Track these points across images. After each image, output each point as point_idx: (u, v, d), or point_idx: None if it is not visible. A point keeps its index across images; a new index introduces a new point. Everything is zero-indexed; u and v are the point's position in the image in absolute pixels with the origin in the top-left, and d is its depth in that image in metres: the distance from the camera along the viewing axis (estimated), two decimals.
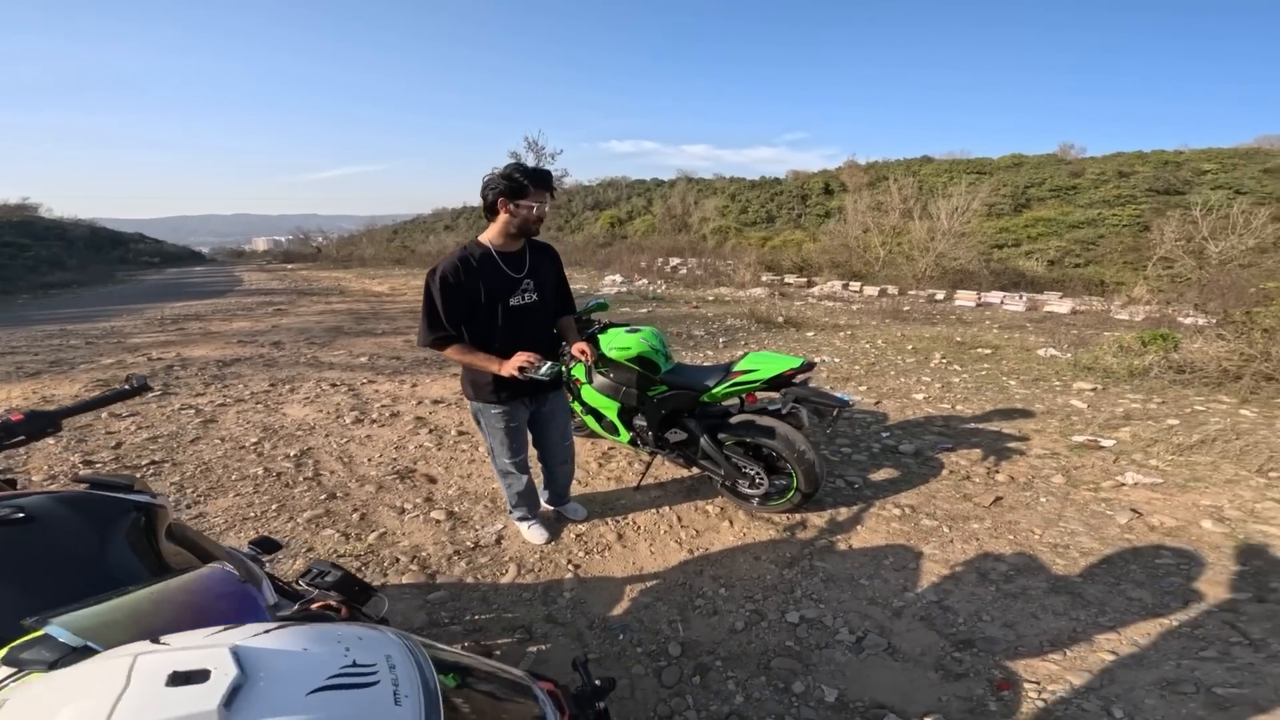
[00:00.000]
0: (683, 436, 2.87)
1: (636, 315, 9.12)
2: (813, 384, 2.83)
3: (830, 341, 7.20)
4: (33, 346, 6.83)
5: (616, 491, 3.11)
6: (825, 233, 22.21)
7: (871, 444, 3.70)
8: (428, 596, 2.22)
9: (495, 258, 2.11)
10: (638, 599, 2.27)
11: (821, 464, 2.61)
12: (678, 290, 13.58)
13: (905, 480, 3.19)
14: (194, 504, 2.84)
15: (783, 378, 2.63)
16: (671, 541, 2.63)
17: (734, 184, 36.98)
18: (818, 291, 14.39)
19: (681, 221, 27.70)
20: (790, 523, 2.74)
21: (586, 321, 3.33)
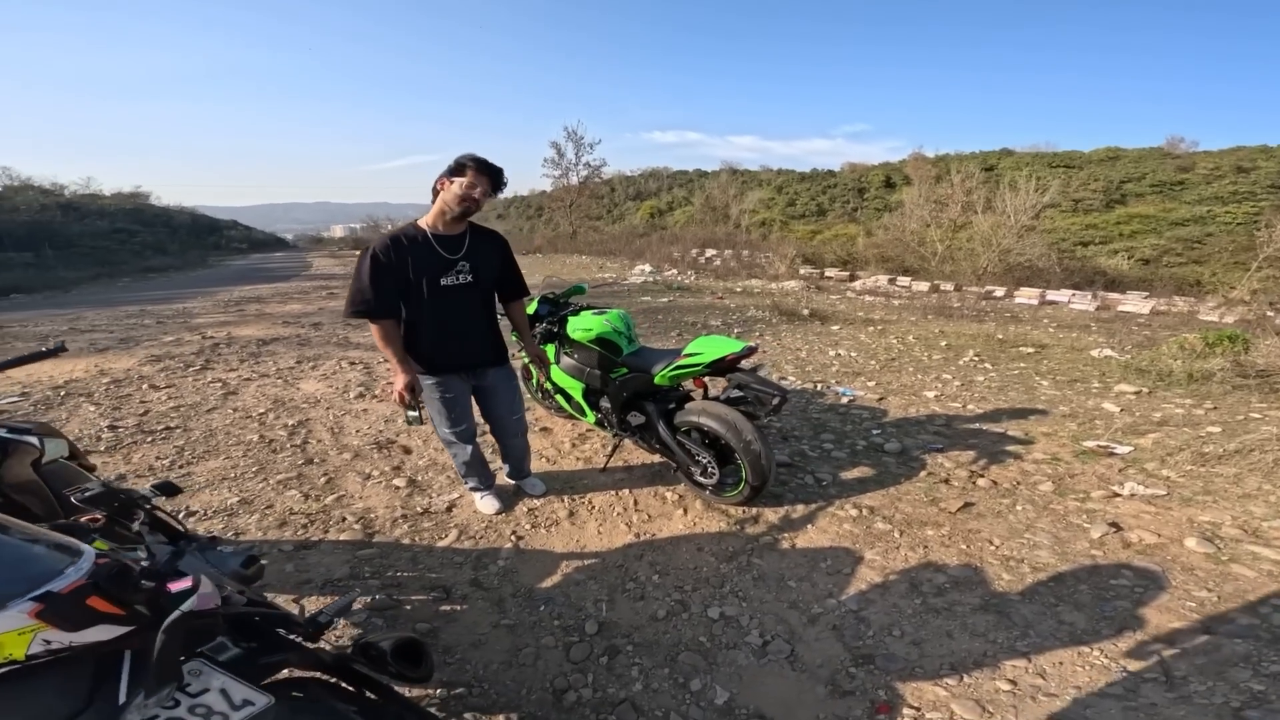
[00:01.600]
0: (642, 420, 2.88)
1: (655, 304, 9.13)
2: (762, 371, 2.75)
3: (854, 336, 6.97)
4: (111, 325, 7.61)
5: (582, 471, 3.14)
6: (881, 226, 21.43)
7: (857, 440, 3.57)
8: (357, 553, 2.33)
9: (430, 239, 2.19)
10: (571, 575, 2.29)
11: (770, 456, 2.54)
12: (706, 281, 13.43)
13: (876, 480, 3.06)
14: (187, 464, 3.09)
15: (725, 362, 2.56)
16: (621, 524, 2.64)
17: (782, 176, 36.21)
18: (859, 286, 13.84)
19: (722, 213, 27.33)
20: (743, 516, 2.69)
21: (563, 304, 3.39)
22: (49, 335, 6.75)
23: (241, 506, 2.62)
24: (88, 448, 3.20)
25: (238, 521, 2.48)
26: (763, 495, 2.67)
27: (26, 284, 15.47)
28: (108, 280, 17.54)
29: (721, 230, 23.59)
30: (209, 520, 2.48)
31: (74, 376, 4.78)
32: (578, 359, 3.09)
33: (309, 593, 2.05)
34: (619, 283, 12.76)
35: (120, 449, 3.24)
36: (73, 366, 5.14)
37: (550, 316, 3.23)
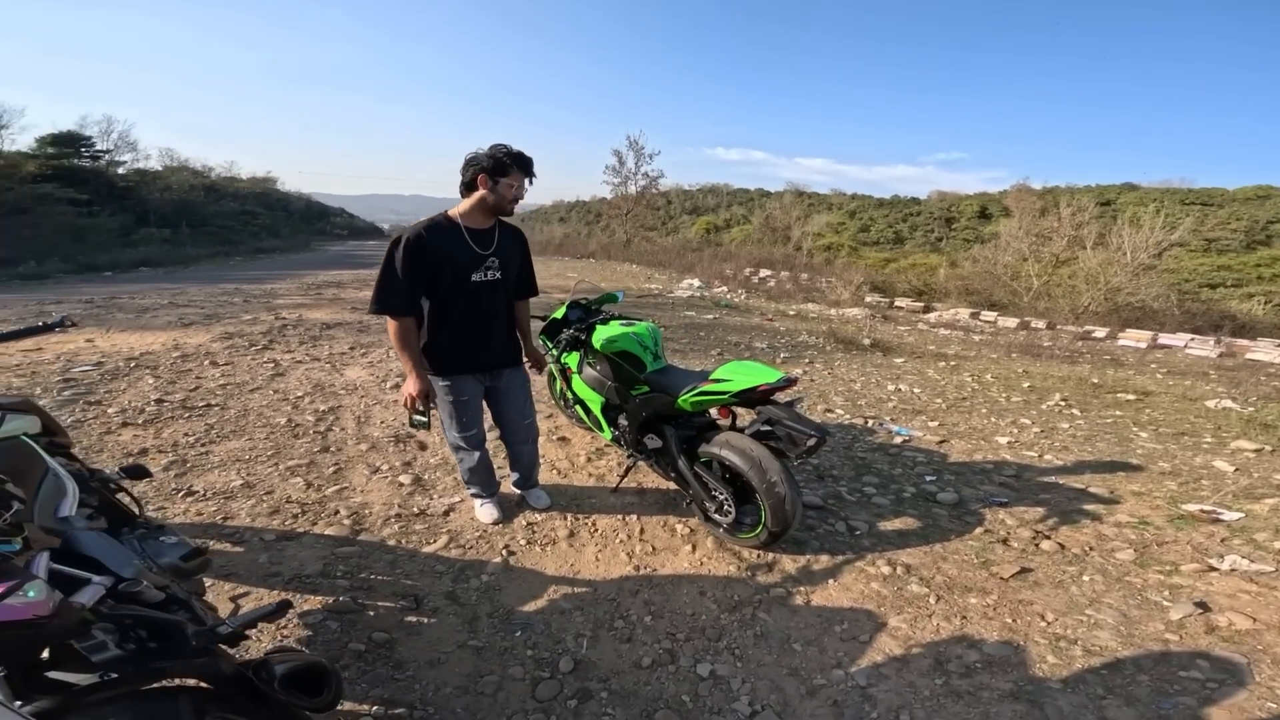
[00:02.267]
0: (659, 444, 2.67)
1: (699, 320, 8.86)
2: (800, 406, 2.46)
3: (921, 370, 6.43)
4: (204, 302, 8.27)
5: (593, 489, 2.96)
6: (969, 258, 20.33)
7: (905, 487, 3.19)
8: (337, 549, 2.24)
9: (463, 232, 2.13)
10: (557, 602, 2.11)
11: (796, 501, 2.27)
12: (758, 301, 13.05)
13: (920, 534, 2.69)
14: (210, 443, 3.16)
15: (756, 393, 2.31)
16: (623, 553, 2.43)
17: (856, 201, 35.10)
18: (934, 318, 12.98)
19: (782, 234, 26.65)
20: (756, 561, 2.41)
21: (594, 311, 3.25)
22: (150, 309, 7.40)
23: (242, 490, 2.63)
24: (128, 420, 3.37)
25: (232, 505, 2.48)
26: (783, 541, 2.39)
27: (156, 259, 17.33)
28: (223, 259, 19.37)
29: (780, 251, 23.13)
30: (204, 502, 2.49)
31: (150, 349, 5.14)
32: (599, 371, 2.93)
33: (275, 586, 1.97)
34: (664, 295, 12.60)
35: (155, 423, 3.37)
36: (153, 340, 5.56)
37: (579, 323, 3.08)
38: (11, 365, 4.27)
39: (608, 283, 14.70)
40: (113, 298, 8.44)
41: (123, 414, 3.44)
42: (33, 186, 18.37)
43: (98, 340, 5.42)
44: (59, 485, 1.29)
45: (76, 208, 18.92)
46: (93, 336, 5.58)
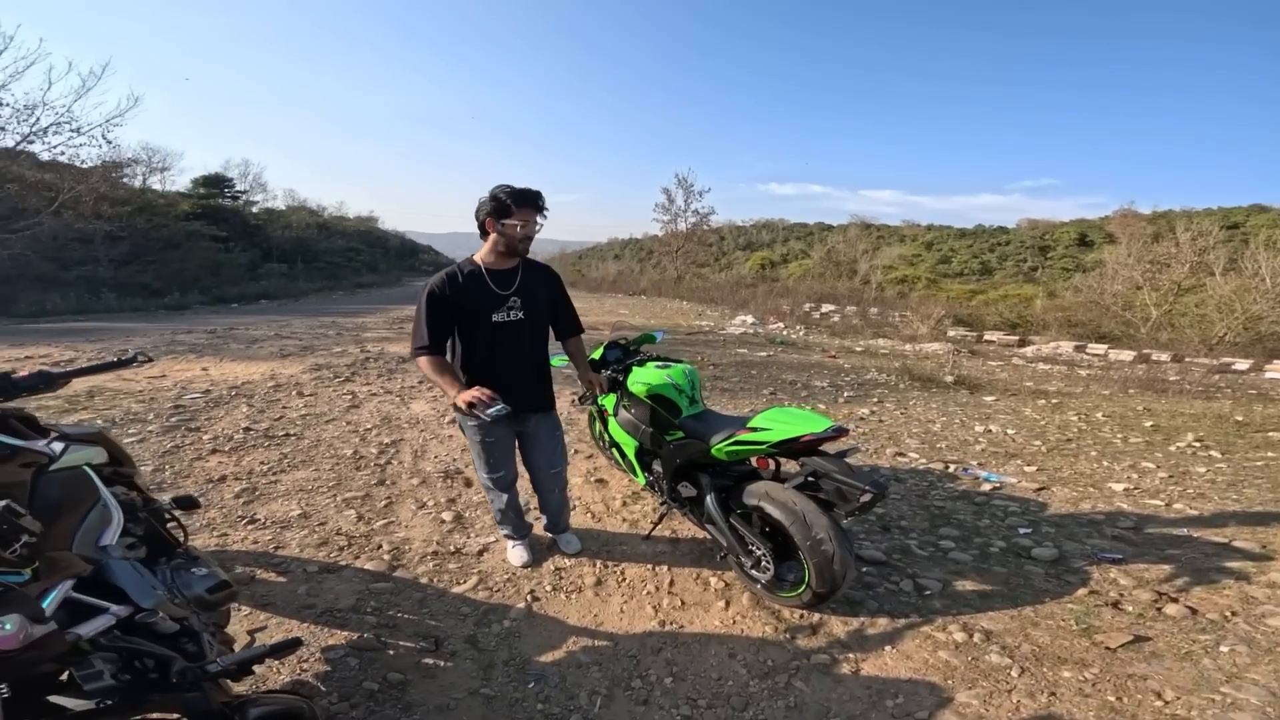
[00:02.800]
0: (693, 493, 2.59)
1: (752, 358, 8.64)
2: (852, 458, 2.28)
3: (1016, 409, 5.92)
4: (304, 335, 9.14)
5: (625, 535, 2.93)
6: (1070, 287, 18.98)
7: (993, 541, 2.91)
8: (371, 585, 2.34)
9: (483, 274, 2.21)
10: (575, 655, 2.08)
11: (847, 561, 2.10)
12: (819, 338, 12.59)
13: (1007, 595, 2.42)
14: (281, 472, 3.44)
15: (799, 443, 2.18)
16: (649, 605, 2.36)
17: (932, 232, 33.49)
18: (1031, 352, 11.97)
19: (847, 268, 25.70)
20: (798, 622, 2.25)
21: (632, 352, 3.26)
22: (258, 340, 8.27)
23: (298, 520, 2.83)
24: (218, 447, 3.74)
25: (286, 534, 2.67)
26: (831, 601, 2.23)
27: (274, 292, 19.46)
28: (328, 292, 21.39)
29: (845, 285, 22.39)
30: (262, 530, 2.70)
31: (250, 379, 5.74)
32: (634, 414, 2.91)
33: (307, 618, 2.09)
34: (715, 332, 12.46)
35: (239, 451, 3.72)
36: (255, 370, 6.20)
37: (617, 364, 3.10)
38: (135, 391, 4.91)
39: (656, 319, 14.78)
40: (231, 329, 9.53)
41: (214, 441, 3.84)
42: (184, 224, 21.22)
43: (211, 369, 6.13)
44: (105, 514, 1.37)
45: (217, 244, 21.60)
46: (208, 366, 6.31)
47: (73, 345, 7.26)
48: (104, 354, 6.27)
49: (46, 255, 14.57)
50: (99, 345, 7.36)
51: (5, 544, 0.95)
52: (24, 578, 0.99)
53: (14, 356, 6.34)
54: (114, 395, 4.74)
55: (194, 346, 7.48)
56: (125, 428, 3.98)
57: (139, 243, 17.69)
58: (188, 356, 6.77)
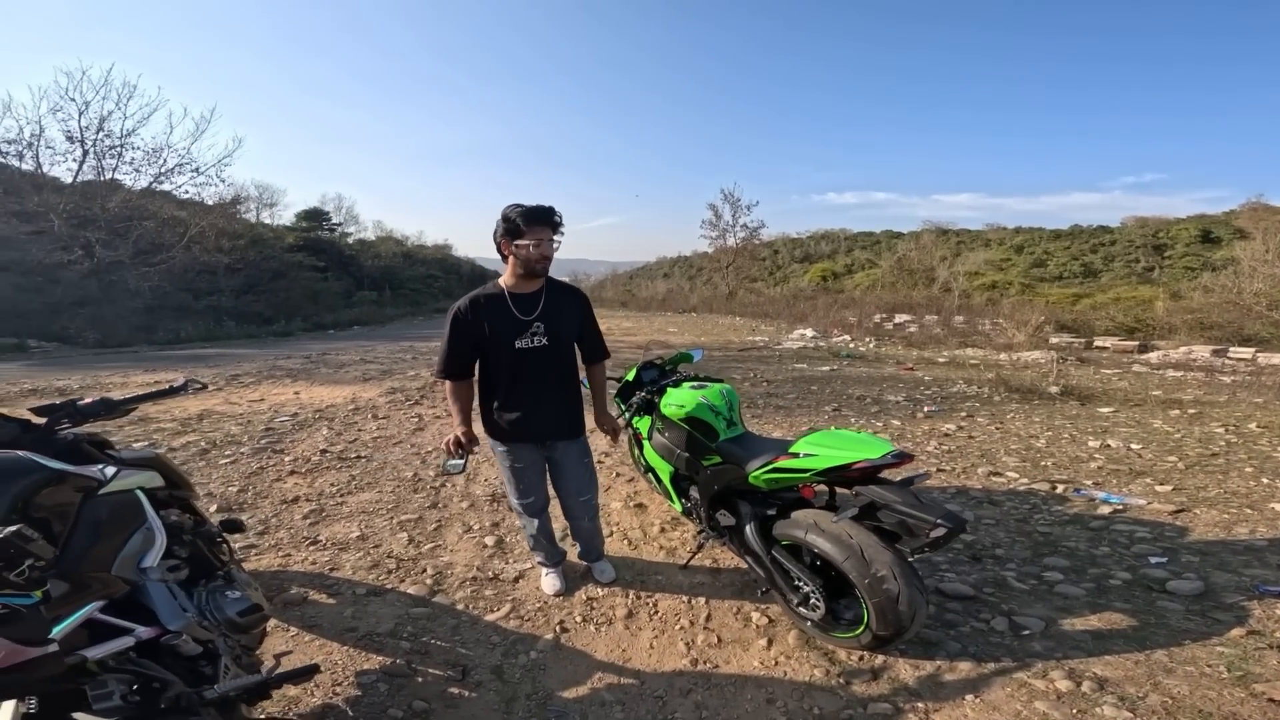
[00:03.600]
0: (732, 521, 2.47)
1: (811, 373, 8.27)
2: (917, 486, 2.03)
3: (1142, 421, 5.32)
4: (385, 359, 9.82)
5: (661, 564, 2.89)
6: (1199, 287, 16.98)
7: (1113, 571, 2.61)
8: (411, 610, 2.45)
9: (506, 299, 2.18)
10: (600, 692, 2.05)
11: (916, 601, 1.86)
12: (893, 349, 11.85)
13: (1132, 636, 2.15)
14: (348, 493, 3.69)
15: (852, 471, 1.96)
16: (681, 642, 2.28)
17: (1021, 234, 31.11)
18: (1156, 358, 10.77)
19: (923, 276, 24.13)
20: (857, 665, 2.05)
21: (668, 372, 3.23)
22: (345, 365, 8.99)
23: (356, 542, 3.02)
24: (296, 469, 4.08)
25: (342, 556, 2.86)
26: (898, 644, 2.03)
27: (365, 318, 21.10)
28: (410, 318, 22.89)
29: (921, 294, 21.14)
30: (322, 551, 2.91)
31: (334, 403, 6.24)
32: (669, 438, 2.84)
33: (349, 641, 2.21)
34: (770, 347, 12.03)
35: (314, 473, 4.04)
36: (340, 394, 6.73)
37: (651, 385, 3.03)
38: (237, 414, 5.48)
39: (707, 336, 14.56)
40: (324, 354, 10.42)
41: (294, 463, 4.20)
42: (289, 255, 23.57)
43: (302, 393, 6.73)
44: (149, 537, 1.41)
45: (317, 273, 23.79)
46: (300, 390, 6.94)
47: (194, 371, 8.22)
48: (231, 385, 7.02)
49: (180, 286, 16.66)
50: (215, 370, 8.29)
51: (12, 566, 1.00)
52: (33, 600, 1.02)
53: (146, 381, 7.28)
54: (220, 418, 5.32)
55: (290, 371, 8.25)
56: (223, 449, 4.46)
57: (252, 274, 19.83)
58: (284, 381, 7.48)
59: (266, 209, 31.79)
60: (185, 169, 16.80)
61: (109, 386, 6.85)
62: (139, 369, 8.42)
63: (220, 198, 19.72)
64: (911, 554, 1.96)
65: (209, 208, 18.69)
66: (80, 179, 15.63)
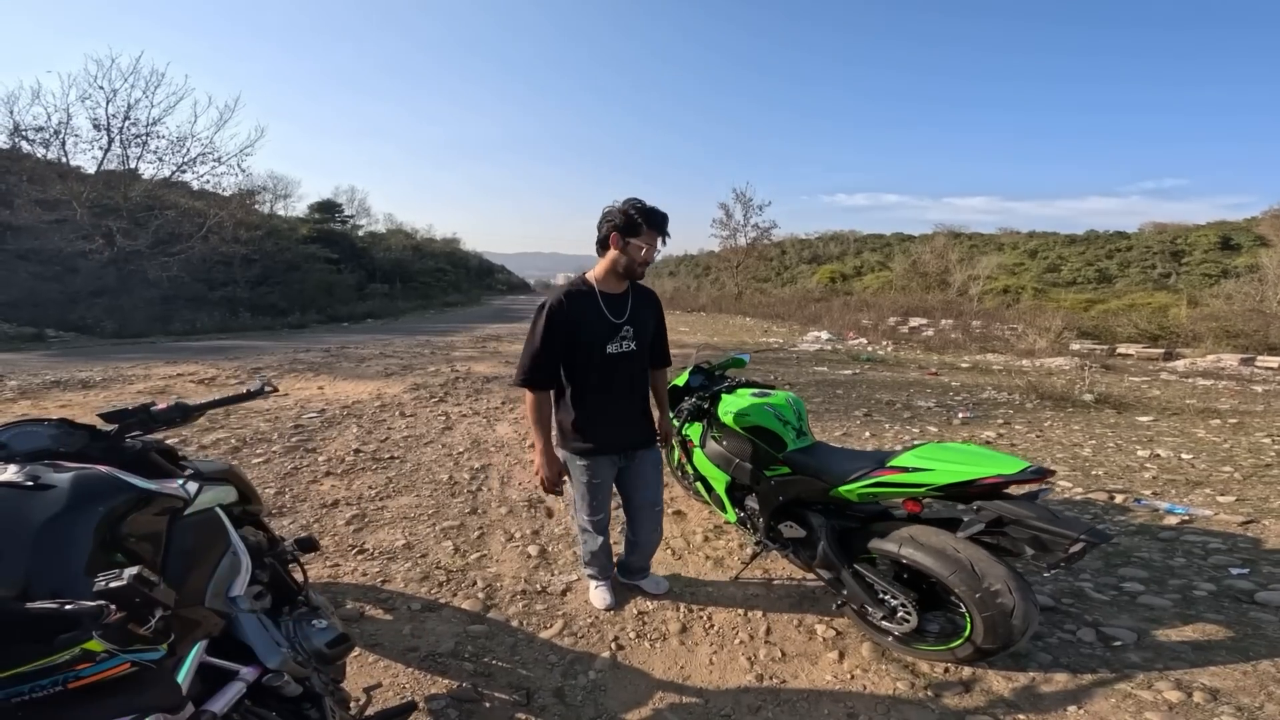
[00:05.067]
0: (800, 534, 2.40)
1: (835, 377, 8.20)
2: (1043, 499, 1.94)
3: (1185, 430, 5.27)
4: (404, 354, 9.80)
5: (709, 575, 2.82)
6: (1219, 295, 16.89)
7: (1195, 582, 2.58)
8: (469, 627, 2.39)
9: (598, 298, 2.06)
10: (663, 713, 1.98)
11: (1030, 615, 1.81)
12: (911, 354, 11.77)
13: (1233, 647, 2.11)
14: (387, 497, 3.64)
15: (978, 486, 1.87)
16: (742, 656, 2.23)
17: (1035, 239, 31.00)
18: (1184, 366, 10.65)
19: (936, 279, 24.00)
20: (946, 678, 2.00)
21: (718, 377, 3.14)
22: (366, 359, 8.96)
23: (403, 551, 2.96)
24: (331, 470, 4.03)
25: (392, 567, 2.80)
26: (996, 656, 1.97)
27: (378, 311, 21.14)
28: (421, 311, 22.91)
29: (935, 297, 21.02)
30: (370, 561, 2.86)
31: (360, 399, 6.20)
32: (726, 447, 2.75)
33: (411, 662, 2.15)
34: (786, 349, 11.98)
35: (350, 474, 3.99)
36: (364, 389, 6.70)
37: (702, 391, 2.95)
38: (263, 410, 5.44)
39: (720, 336, 14.49)
40: (343, 347, 10.40)
41: (328, 463, 4.15)
42: (303, 247, 23.59)
43: (326, 388, 6.70)
44: (235, 562, 1.31)
45: (330, 265, 23.81)
46: (323, 385, 6.90)
47: (214, 363, 8.22)
48: (247, 382, 6.97)
49: (197, 277, 16.71)
50: (236, 363, 8.28)
51: (141, 619, 0.85)
52: (161, 653, 0.91)
53: (169, 374, 7.26)
54: (247, 414, 5.29)
55: (312, 365, 8.23)
56: (254, 448, 4.42)
57: (268, 265, 19.87)
58: (306, 375, 7.45)
59: (281, 200, 31.88)
60: (208, 158, 16.83)
61: (131, 379, 6.84)
62: (160, 360, 8.42)
63: (239, 188, 19.77)
64: (1049, 569, 1.92)
65: (227, 198, 18.73)
66: (104, 167, 15.68)
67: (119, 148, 15.57)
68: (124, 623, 0.83)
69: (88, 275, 14.21)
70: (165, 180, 16.85)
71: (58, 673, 0.79)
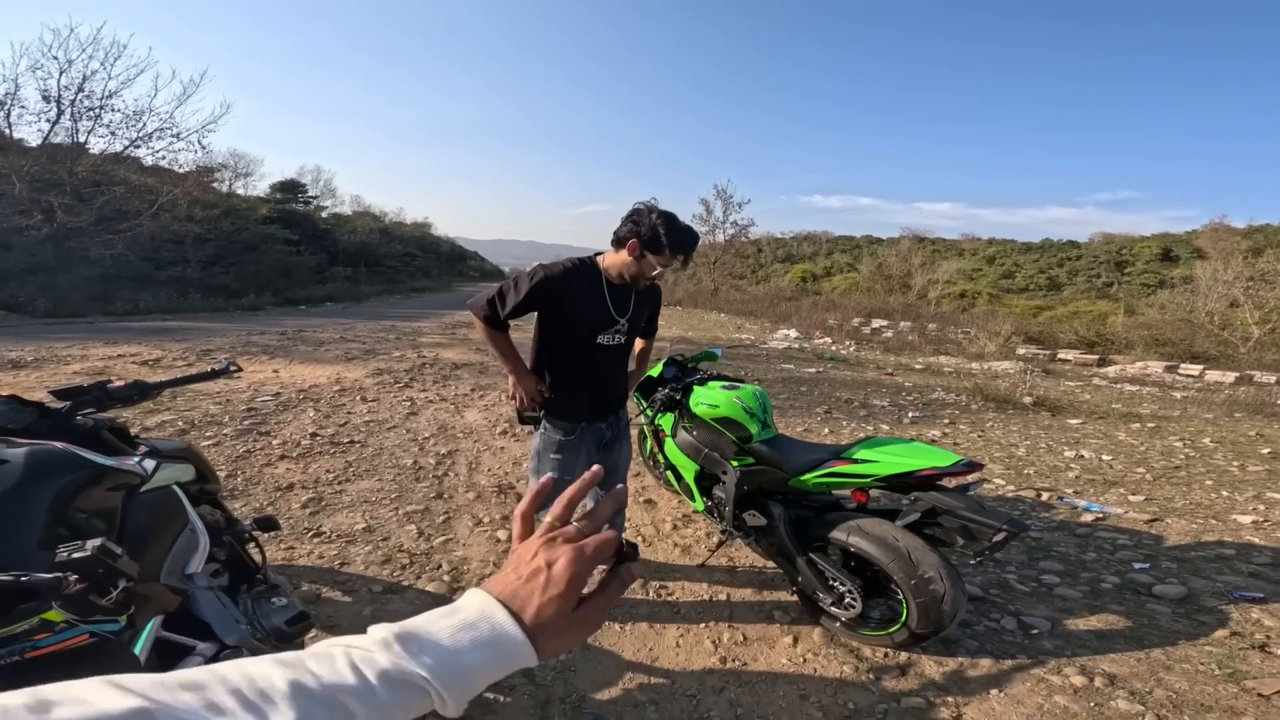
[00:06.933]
0: (762, 522, 2.47)
1: (799, 374, 8.39)
2: (974, 492, 2.10)
3: (1108, 433, 5.58)
4: (366, 338, 9.50)
5: (677, 562, 2.85)
6: (1153, 304, 18.02)
7: (1104, 576, 2.74)
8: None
9: (605, 288, 2.01)
10: (632, 693, 2.01)
11: (959, 600, 1.93)
12: (871, 354, 12.17)
13: (1130, 635, 2.28)
14: (346, 481, 3.51)
15: (914, 478, 2.03)
16: (708, 640, 2.27)
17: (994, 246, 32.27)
18: (1114, 372, 11.28)
19: (899, 282, 24.83)
20: (882, 662, 2.12)
21: (691, 369, 3.17)
22: (325, 343, 8.65)
23: (363, 534, 2.87)
24: (286, 453, 3.87)
25: (351, 550, 2.71)
26: (926, 641, 2.08)
27: (339, 295, 20.45)
28: (387, 296, 22.29)
29: (897, 300, 21.73)
30: (328, 544, 2.76)
31: (318, 382, 5.98)
32: (696, 437, 2.79)
33: None
34: (757, 346, 12.22)
35: (306, 458, 3.83)
36: (322, 373, 6.46)
37: (675, 382, 2.98)
38: (213, 392, 5.18)
39: (694, 331, 14.65)
40: (300, 330, 10.02)
41: (283, 446, 3.98)
42: (262, 228, 22.61)
43: (281, 372, 6.43)
44: (192, 540, 1.31)
45: (289, 247, 22.89)
46: (279, 368, 6.63)
47: (160, 344, 7.79)
48: (196, 364, 6.65)
49: (143, 256, 15.82)
50: (184, 345, 7.87)
51: (103, 591, 0.86)
52: (120, 625, 0.91)
53: (109, 355, 6.85)
54: (194, 397, 5.03)
55: (266, 348, 7.89)
56: (203, 430, 4.20)
57: (223, 245, 18.99)
58: (260, 358, 7.14)
59: (242, 179, 30.43)
60: (165, 134, 15.94)
61: (66, 359, 6.43)
62: (98, 341, 7.94)
63: (197, 165, 18.78)
64: (975, 557, 2.02)
65: (182, 175, 17.77)
66: (51, 140, 14.70)
67: (69, 120, 14.65)
68: (85, 594, 0.85)
69: (22, 252, 13.29)
70: (116, 155, 15.89)
71: (15, 643, 0.79)
